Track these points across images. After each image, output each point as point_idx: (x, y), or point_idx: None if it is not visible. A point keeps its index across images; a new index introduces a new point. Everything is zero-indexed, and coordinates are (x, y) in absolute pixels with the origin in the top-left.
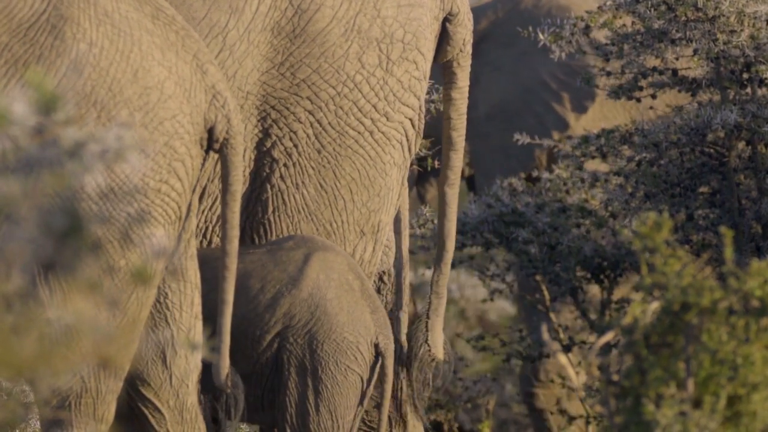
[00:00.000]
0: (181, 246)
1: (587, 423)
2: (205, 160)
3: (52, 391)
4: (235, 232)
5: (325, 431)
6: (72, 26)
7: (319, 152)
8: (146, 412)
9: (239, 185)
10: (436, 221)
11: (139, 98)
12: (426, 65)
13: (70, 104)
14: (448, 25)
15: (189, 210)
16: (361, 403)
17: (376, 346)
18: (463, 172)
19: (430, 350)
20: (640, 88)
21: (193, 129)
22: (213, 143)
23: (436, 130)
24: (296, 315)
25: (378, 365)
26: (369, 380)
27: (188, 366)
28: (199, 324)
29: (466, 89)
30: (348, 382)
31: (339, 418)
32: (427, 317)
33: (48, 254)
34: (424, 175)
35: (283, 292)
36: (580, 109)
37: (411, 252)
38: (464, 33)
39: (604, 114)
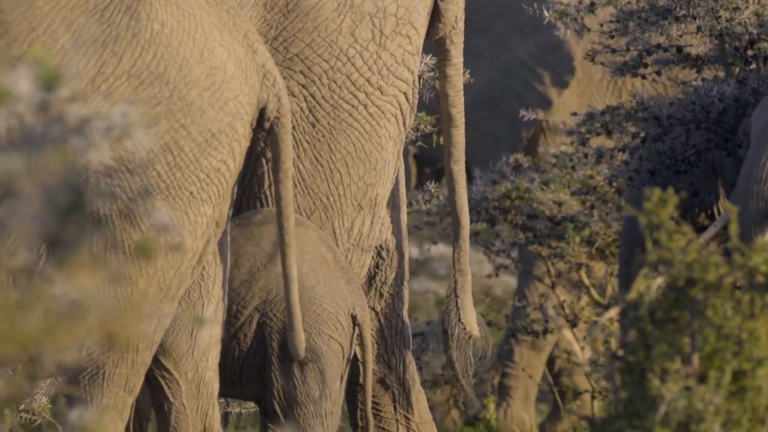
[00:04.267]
0: (224, 224)
1: (592, 398)
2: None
3: (86, 360)
4: (290, 209)
5: (313, 402)
6: (146, 6)
7: (313, 126)
8: (163, 382)
9: (290, 162)
10: (440, 197)
11: (206, 78)
12: (419, 40)
13: (145, 84)
14: (439, 2)
15: (233, 190)
16: (344, 373)
17: (353, 317)
18: None
19: (465, 329)
20: (645, 65)
21: (250, 109)
22: (264, 122)
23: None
24: (273, 289)
25: (355, 336)
26: (349, 351)
27: (211, 340)
28: (225, 300)
29: (461, 66)
30: (332, 352)
31: (325, 387)
32: (456, 296)
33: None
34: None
35: (258, 267)
36: (561, 84)
37: (416, 227)
38: (456, 10)
39: (581, 90)
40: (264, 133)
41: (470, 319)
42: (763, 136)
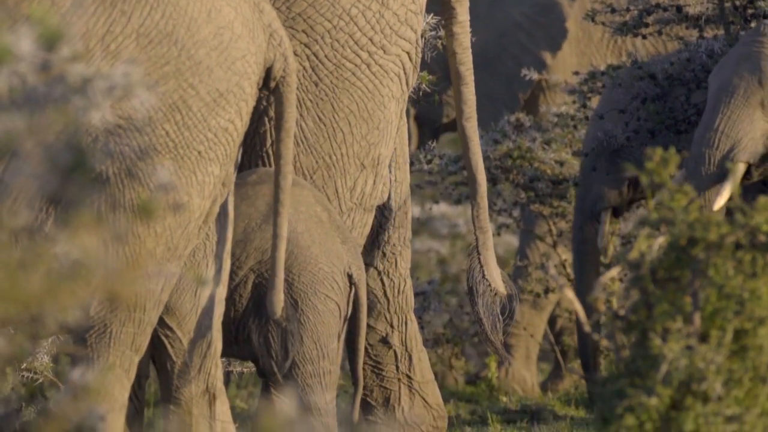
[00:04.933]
0: (230, 184)
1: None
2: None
3: (93, 319)
4: (289, 168)
5: (311, 361)
6: None
7: (316, 85)
8: (166, 341)
9: (294, 122)
10: (442, 156)
11: (214, 38)
12: None
13: (153, 43)
14: None
15: (238, 149)
16: (341, 332)
17: (349, 276)
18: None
19: (490, 286)
20: (646, 25)
21: (257, 69)
22: (270, 82)
23: (441, 66)
24: (268, 250)
25: (351, 295)
26: (345, 310)
27: (214, 299)
28: (229, 259)
29: (467, 23)
30: (328, 311)
31: (323, 347)
32: (478, 254)
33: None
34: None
35: (253, 227)
36: (554, 46)
37: (418, 187)
38: None
39: (581, 50)
40: (268, 92)
41: (495, 275)
42: (719, 99)
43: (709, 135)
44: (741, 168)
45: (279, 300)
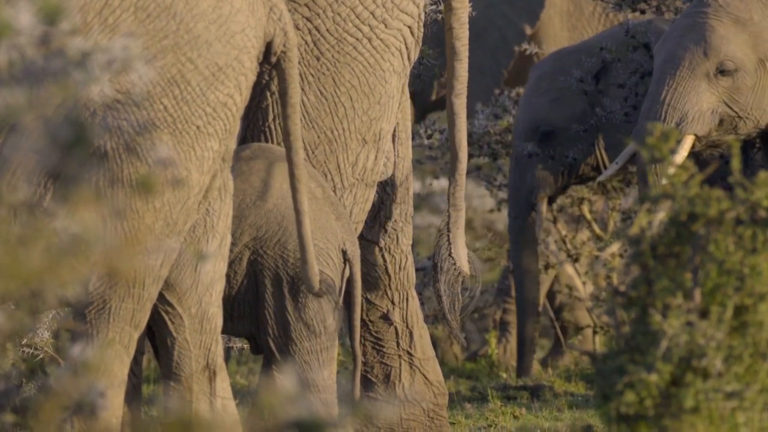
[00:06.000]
0: (230, 159)
1: (594, 333)
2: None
3: (93, 295)
4: (299, 143)
5: (307, 338)
6: None
7: (317, 59)
8: (166, 317)
9: (298, 97)
10: (443, 131)
11: (213, 11)
12: None
13: (152, 16)
14: None
15: (238, 124)
16: (336, 308)
17: (344, 252)
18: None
19: (455, 264)
20: (645, 0)
21: (257, 43)
22: (270, 56)
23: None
24: (263, 226)
25: (346, 271)
26: (340, 286)
27: (215, 275)
28: (229, 235)
29: None
30: (324, 287)
31: (320, 323)
32: (448, 231)
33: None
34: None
35: (247, 203)
36: (534, 18)
37: (418, 162)
38: None
39: (572, 24)
40: (269, 66)
41: (461, 254)
42: (664, 72)
43: (656, 108)
44: (689, 141)
45: (314, 274)
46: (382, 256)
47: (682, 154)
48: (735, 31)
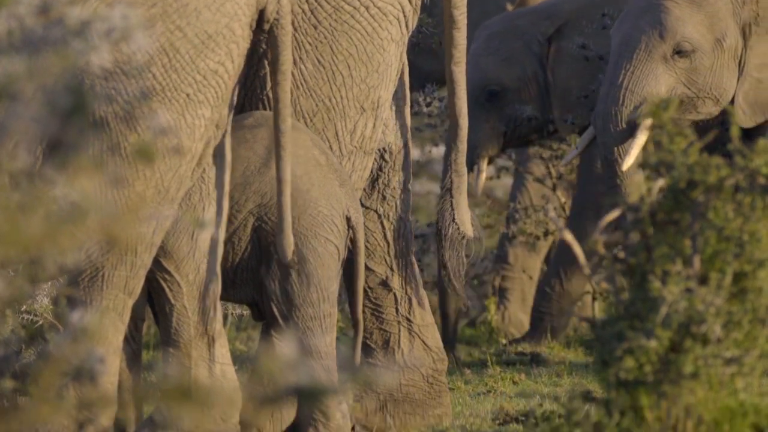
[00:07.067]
0: (225, 127)
1: (593, 300)
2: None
3: (86, 262)
4: (288, 111)
5: (311, 304)
6: None
7: (315, 28)
8: (164, 284)
9: (290, 65)
10: (442, 99)
11: None
12: None
13: None
14: None
15: (233, 91)
16: (339, 274)
17: (348, 219)
18: None
19: (459, 229)
20: None
21: (248, 11)
22: (263, 24)
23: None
24: (267, 193)
25: (349, 238)
26: (344, 252)
27: (212, 242)
28: (227, 202)
29: None
30: (328, 253)
31: (323, 289)
32: (451, 196)
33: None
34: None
35: (252, 170)
36: None
37: (418, 129)
38: None
39: None
40: (265, 35)
41: (465, 219)
42: (621, 54)
43: (615, 91)
44: (649, 124)
45: (289, 244)
46: (381, 223)
47: (642, 138)
48: (691, 12)
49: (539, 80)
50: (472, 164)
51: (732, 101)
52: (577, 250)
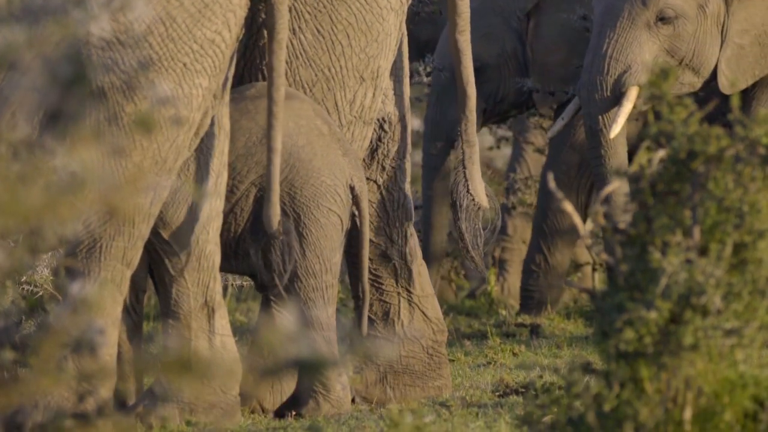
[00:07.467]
0: (223, 96)
1: (593, 270)
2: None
3: (84, 233)
4: (282, 80)
5: (314, 275)
6: None
7: None
8: (164, 255)
9: (285, 33)
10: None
11: None
12: None
13: None
14: None
15: (230, 61)
16: (342, 244)
17: (352, 188)
18: None
19: (474, 199)
20: None
21: None
22: None
23: None
24: None
25: (353, 207)
26: (347, 223)
27: (211, 212)
28: (225, 173)
29: None
30: (331, 224)
31: (326, 260)
32: (464, 167)
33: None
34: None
35: (254, 141)
36: None
37: (417, 99)
38: None
39: None
40: (263, 3)
41: (479, 189)
42: (604, 23)
43: (599, 61)
44: (634, 92)
45: (276, 214)
46: (380, 193)
47: (628, 106)
48: None
49: (519, 56)
50: (450, 142)
51: (714, 71)
52: (577, 220)
